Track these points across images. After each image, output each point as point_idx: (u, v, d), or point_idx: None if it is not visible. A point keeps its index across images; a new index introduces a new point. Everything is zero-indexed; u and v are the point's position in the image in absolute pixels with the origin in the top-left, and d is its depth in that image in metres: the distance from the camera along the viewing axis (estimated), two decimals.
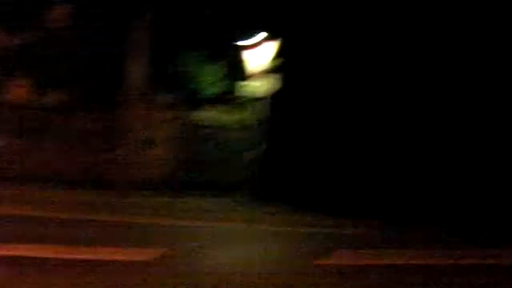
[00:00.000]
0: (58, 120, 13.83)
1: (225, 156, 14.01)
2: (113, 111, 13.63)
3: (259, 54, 13.15)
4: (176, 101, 14.07)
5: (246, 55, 13.30)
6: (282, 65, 13.38)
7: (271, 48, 13.22)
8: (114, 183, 12.84)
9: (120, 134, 13.52)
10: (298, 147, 13.62)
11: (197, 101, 14.09)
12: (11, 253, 6.13)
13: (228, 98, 14.37)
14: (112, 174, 13.17)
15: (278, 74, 13.18)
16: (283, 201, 12.21)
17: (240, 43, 13.44)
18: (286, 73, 13.25)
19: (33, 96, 14.06)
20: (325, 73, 13.43)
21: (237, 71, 13.72)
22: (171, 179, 13.68)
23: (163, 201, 12.34)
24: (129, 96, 13.54)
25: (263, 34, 13.23)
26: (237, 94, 14.20)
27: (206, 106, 14.23)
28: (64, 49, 13.72)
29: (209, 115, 14.27)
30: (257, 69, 13.29)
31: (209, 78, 14.16)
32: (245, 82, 13.31)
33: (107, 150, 13.62)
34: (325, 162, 13.12)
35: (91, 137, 13.77)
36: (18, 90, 14.09)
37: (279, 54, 13.28)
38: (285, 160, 13.55)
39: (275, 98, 13.21)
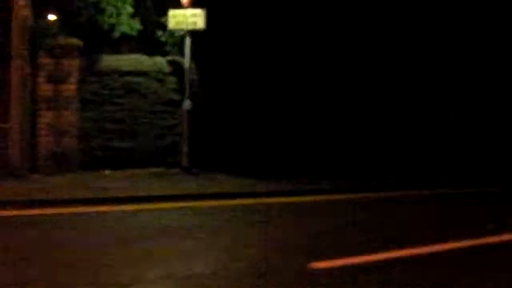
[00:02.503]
0: None
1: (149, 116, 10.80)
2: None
3: None
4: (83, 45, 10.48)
5: None
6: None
7: None
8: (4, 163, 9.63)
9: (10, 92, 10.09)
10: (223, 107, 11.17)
11: (109, 43, 10.63)
12: None
13: (150, 37, 10.97)
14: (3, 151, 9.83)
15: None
16: (216, 170, 10.18)
17: None
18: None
19: None
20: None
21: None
22: (77, 151, 10.47)
23: (64, 182, 9.28)
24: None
25: None
26: (158, 32, 10.88)
27: (122, 48, 10.75)
28: None
29: (127, 60, 10.85)
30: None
31: (123, 12, 10.61)
32: (168, 16, 10.00)
33: None
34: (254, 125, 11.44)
35: None
36: None
37: None
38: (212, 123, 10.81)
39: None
